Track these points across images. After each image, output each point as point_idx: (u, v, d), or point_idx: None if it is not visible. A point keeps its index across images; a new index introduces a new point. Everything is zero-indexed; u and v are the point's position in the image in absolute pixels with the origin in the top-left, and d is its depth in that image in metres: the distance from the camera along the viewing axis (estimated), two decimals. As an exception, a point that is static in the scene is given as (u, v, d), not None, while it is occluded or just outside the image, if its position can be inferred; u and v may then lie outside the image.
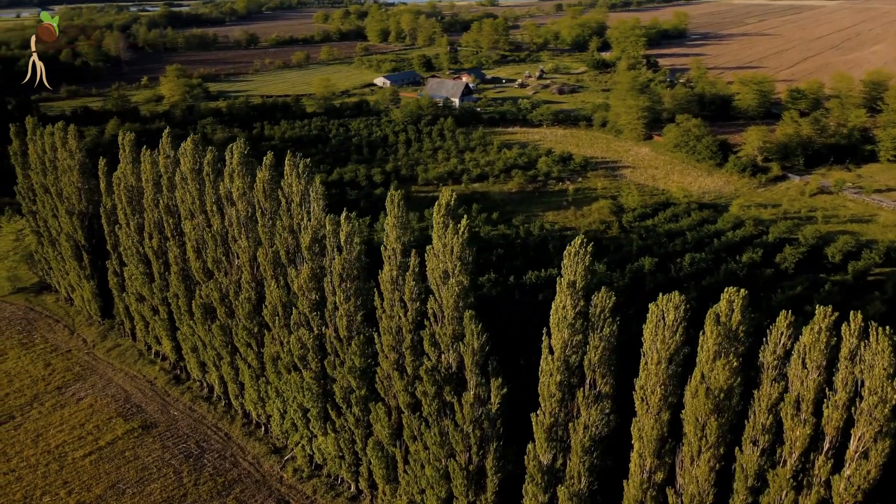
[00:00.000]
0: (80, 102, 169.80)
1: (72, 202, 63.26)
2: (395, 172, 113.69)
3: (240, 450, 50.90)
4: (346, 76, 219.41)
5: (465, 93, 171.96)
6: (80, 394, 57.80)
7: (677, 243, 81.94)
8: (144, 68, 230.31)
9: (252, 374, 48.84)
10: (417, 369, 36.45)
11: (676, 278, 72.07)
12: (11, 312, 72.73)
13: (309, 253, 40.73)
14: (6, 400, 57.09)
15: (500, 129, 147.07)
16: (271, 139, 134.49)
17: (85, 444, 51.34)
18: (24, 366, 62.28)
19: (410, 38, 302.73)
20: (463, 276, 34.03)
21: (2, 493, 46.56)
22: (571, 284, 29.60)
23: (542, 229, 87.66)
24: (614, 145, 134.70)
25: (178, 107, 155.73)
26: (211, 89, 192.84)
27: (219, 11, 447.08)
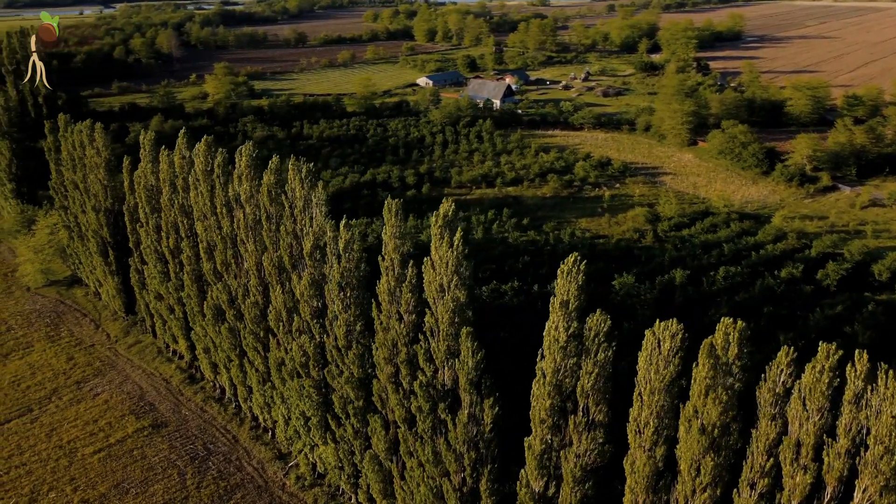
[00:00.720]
0: (130, 99, 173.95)
1: (98, 199, 64.10)
2: (429, 174, 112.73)
3: (246, 454, 50.54)
4: (389, 76, 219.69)
5: (507, 94, 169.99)
6: (98, 389, 58.42)
7: (713, 255, 78.76)
8: (195, 65, 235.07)
9: (259, 379, 48.41)
10: (413, 383, 35.23)
11: (708, 293, 69.19)
12: (42, 305, 74.31)
13: (310, 259, 39.94)
14: (27, 393, 58.09)
15: (539, 132, 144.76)
16: (309, 138, 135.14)
17: (96, 440, 51.73)
18: (47, 359, 63.38)
19: (457, 38, 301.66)
20: (459, 291, 32.64)
21: (12, 487, 47.17)
22: (564, 305, 27.96)
23: (572, 236, 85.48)
24: (656, 151, 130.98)
25: (222, 104, 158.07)
26: (256, 87, 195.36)
27: (271, 10, 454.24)
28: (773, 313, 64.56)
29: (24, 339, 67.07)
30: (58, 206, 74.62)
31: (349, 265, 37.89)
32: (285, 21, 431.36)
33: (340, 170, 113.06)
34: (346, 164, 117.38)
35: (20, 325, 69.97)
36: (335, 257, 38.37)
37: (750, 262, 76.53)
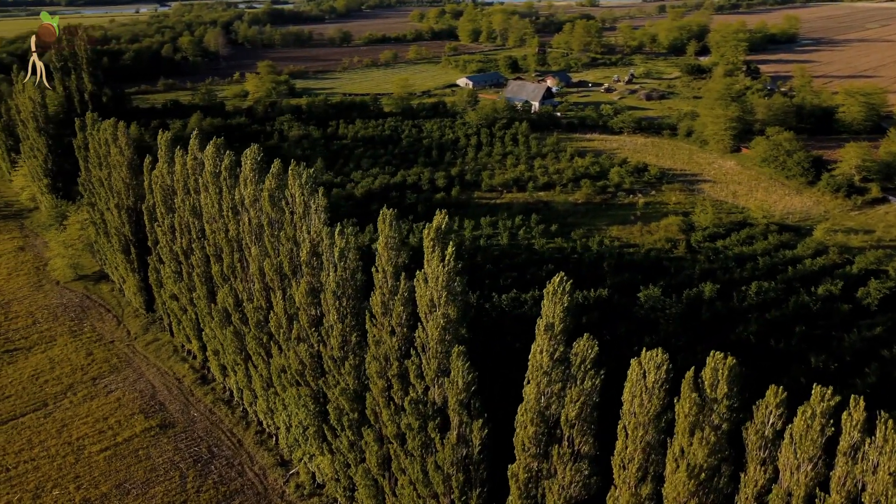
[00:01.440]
0: (173, 96, 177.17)
1: (121, 197, 64.70)
2: (460, 177, 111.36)
3: (249, 458, 50.11)
4: (430, 76, 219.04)
5: (546, 96, 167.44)
6: (112, 386, 58.88)
7: (746, 269, 75.46)
8: (241, 64, 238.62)
9: (263, 384, 47.91)
10: (404, 399, 34.02)
11: (738, 308, 66.22)
12: (69, 299, 75.60)
13: (307, 267, 39.09)
14: (44, 387, 58.91)
15: (577, 136, 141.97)
16: (343, 138, 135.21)
17: (104, 438, 52.00)
18: (67, 353, 64.27)
19: (501, 39, 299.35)
20: (450, 308, 31.27)
21: (18, 482, 47.67)
22: (549, 327, 26.36)
23: (600, 245, 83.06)
24: (697, 157, 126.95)
25: (261, 103, 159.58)
26: (297, 86, 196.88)
27: (319, 9, 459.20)
28: (806, 333, 61.39)
29: (47, 333, 68.23)
30: (85, 202, 75.86)
31: (344, 274, 36.88)
32: (333, 20, 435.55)
33: (371, 170, 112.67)
34: (378, 165, 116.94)
35: (46, 318, 71.25)
36: (332, 265, 37.40)
37: (785, 277, 73.10)
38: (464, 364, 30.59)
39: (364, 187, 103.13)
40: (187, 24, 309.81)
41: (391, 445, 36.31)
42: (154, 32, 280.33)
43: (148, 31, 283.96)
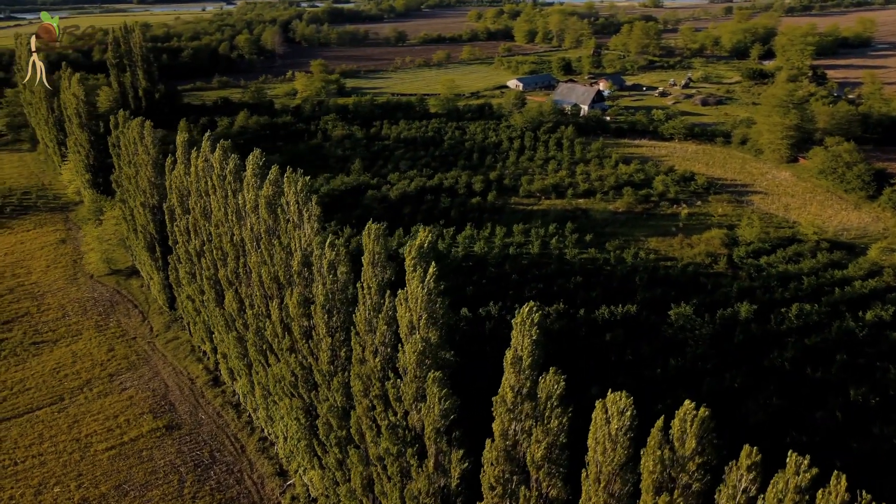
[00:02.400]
0: (225, 93, 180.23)
1: (146, 195, 65.22)
2: (498, 181, 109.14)
3: (249, 466, 49.47)
4: (481, 77, 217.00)
5: (596, 100, 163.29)
6: (127, 384, 59.29)
7: (790, 289, 71.07)
8: (296, 62, 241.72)
9: (262, 392, 47.16)
10: (382, 423, 32.47)
11: (775, 332, 62.23)
12: (100, 293, 76.94)
13: (299, 277, 37.94)
14: (63, 381, 59.78)
15: (625, 141, 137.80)
16: (386, 139, 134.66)
17: (111, 437, 52.23)
18: (90, 348, 65.19)
19: (557, 40, 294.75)
20: (430, 331, 29.52)
21: (23, 477, 48.21)
22: (517, 360, 24.32)
23: (635, 257, 79.79)
24: (750, 167, 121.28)
25: (309, 101, 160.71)
26: (348, 85, 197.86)
27: (378, 8, 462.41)
28: (848, 362, 57.18)
29: (75, 327, 69.45)
30: (118, 199, 77.04)
31: (334, 287, 35.53)
32: (391, 19, 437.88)
33: (409, 173, 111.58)
34: (417, 167, 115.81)
35: (75, 311, 72.61)
36: (321, 277, 36.14)
37: (831, 299, 68.49)
38: (440, 390, 28.77)
39: (399, 190, 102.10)
40: (247, 23, 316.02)
41: (374, 467, 34.84)
42: (214, 30, 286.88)
43: (209, 29, 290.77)
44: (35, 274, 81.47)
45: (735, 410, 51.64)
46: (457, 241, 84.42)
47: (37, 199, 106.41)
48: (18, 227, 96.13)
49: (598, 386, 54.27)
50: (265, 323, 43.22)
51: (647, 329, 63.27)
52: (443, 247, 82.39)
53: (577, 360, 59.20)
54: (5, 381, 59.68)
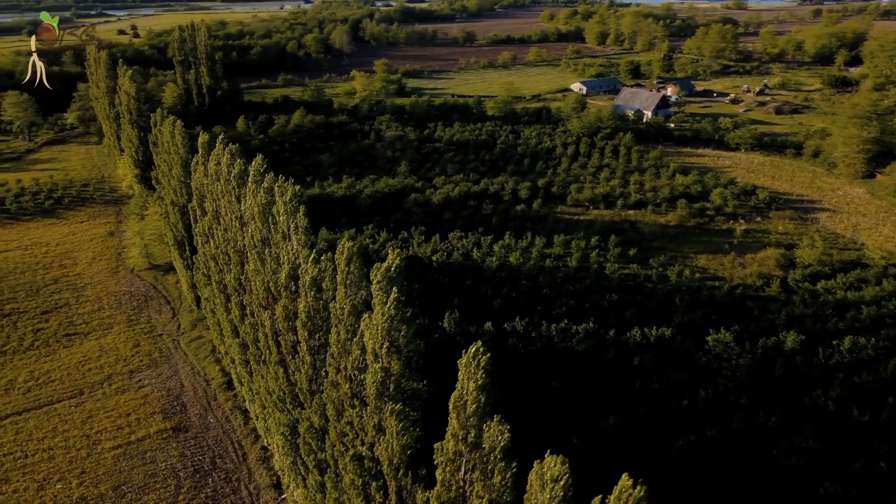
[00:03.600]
0: (287, 91, 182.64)
1: (175, 194, 65.65)
2: (546, 188, 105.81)
3: (248, 475, 48.66)
4: (545, 79, 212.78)
5: (661, 106, 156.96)
6: (145, 382, 59.71)
7: (846, 319, 65.36)
8: (361, 61, 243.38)
9: (261, 402, 46.21)
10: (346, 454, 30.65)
11: (822, 366, 57.18)
12: (136, 288, 78.34)
13: (286, 291, 36.55)
14: (86, 375, 60.75)
15: (686, 150, 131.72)
16: (438, 141, 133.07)
17: (119, 435, 52.49)
18: (118, 343, 66.19)
19: (629, 42, 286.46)
20: (392, 360, 27.49)
21: (29, 471, 48.90)
22: (461, 405, 21.94)
23: (679, 275, 75.24)
24: (820, 181, 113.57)
25: (367, 101, 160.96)
26: (409, 85, 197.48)
27: (450, 8, 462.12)
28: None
29: (107, 321, 70.78)
30: (156, 196, 78.19)
31: (316, 305, 33.94)
32: (463, 19, 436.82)
33: (455, 177, 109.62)
34: (465, 171, 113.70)
35: (110, 305, 74.07)
36: (304, 293, 34.64)
37: (892, 333, 62.48)
38: (399, 423, 26.67)
39: (442, 194, 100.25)
40: (319, 21, 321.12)
41: (346, 495, 33.07)
42: (286, 29, 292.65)
43: (281, 28, 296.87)
44: (80, 265, 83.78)
45: (765, 451, 47.45)
46: (493, 251, 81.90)
47: (94, 192, 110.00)
48: (73, 219, 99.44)
49: (616, 416, 51.09)
50: (259, 333, 42.17)
51: (680, 355, 59.28)
52: (478, 256, 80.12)
53: (599, 385, 55.96)
54: (33, 372, 61.11)
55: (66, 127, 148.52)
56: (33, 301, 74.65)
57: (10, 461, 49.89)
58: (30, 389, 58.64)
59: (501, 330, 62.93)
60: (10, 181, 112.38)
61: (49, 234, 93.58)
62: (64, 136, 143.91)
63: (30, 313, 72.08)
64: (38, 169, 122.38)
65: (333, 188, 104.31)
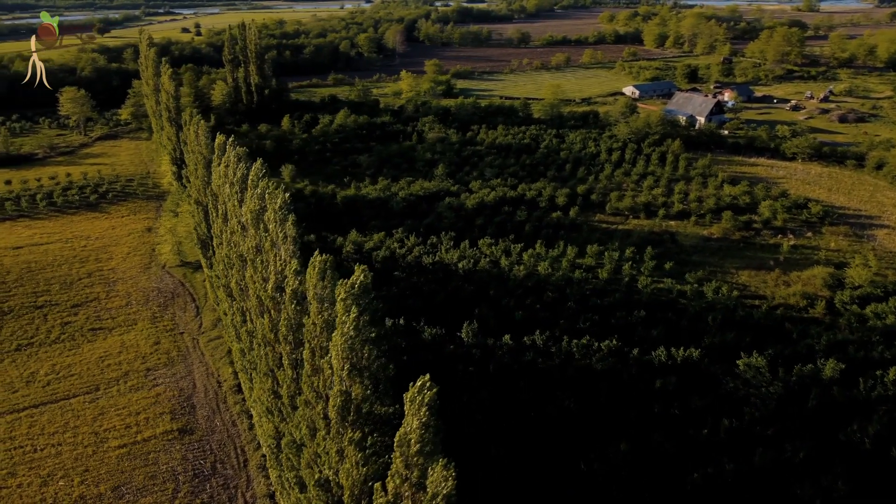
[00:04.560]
0: (339, 90, 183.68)
1: (199, 193, 65.89)
2: (585, 196, 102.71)
3: (246, 483, 47.97)
4: (598, 82, 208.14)
5: (715, 111, 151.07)
6: (159, 380, 59.93)
7: (895, 348, 60.64)
8: (414, 61, 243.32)
9: (257, 410, 45.45)
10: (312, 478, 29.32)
11: (862, 399, 53.04)
12: (165, 284, 79.17)
13: (272, 302, 35.51)
14: (105, 371, 61.40)
15: (738, 159, 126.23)
16: (480, 144, 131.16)
17: (126, 434, 52.64)
18: (139, 340, 66.80)
19: (689, 45, 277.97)
20: (354, 383, 25.99)
21: (36, 466, 49.43)
22: (405, 442, 20.23)
23: (716, 292, 71.44)
24: (881, 195, 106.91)
25: (412, 102, 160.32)
26: (458, 86, 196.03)
27: (508, 9, 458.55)
28: (947, 448, 47.30)
29: (133, 316, 71.65)
30: (186, 194, 78.88)
31: (297, 318, 32.77)
32: (521, 20, 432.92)
33: (492, 181, 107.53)
34: (503, 176, 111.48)
35: (138, 301, 75.01)
36: (285, 307, 33.49)
37: (945, 365, 57.56)
38: (358, 453, 25.15)
39: (476, 199, 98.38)
40: (375, 21, 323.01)
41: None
42: (341, 28, 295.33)
43: (336, 27, 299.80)
44: (115, 260, 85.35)
45: (788, 490, 44.03)
46: (522, 259, 79.67)
47: (138, 187, 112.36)
48: (115, 213, 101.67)
49: (628, 441, 48.32)
50: (254, 341, 41.37)
51: (706, 379, 55.99)
52: (505, 264, 78.02)
53: (615, 407, 53.21)
54: (55, 366, 62.14)
55: (120, 122, 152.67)
56: (66, 294, 76.26)
57: (19, 455, 50.58)
58: (49, 383, 59.57)
59: (521, 343, 60.78)
60: (61, 174, 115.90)
61: (90, 227, 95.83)
62: (117, 132, 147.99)
63: (61, 306, 73.60)
64: (88, 163, 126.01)
65: (368, 189, 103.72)
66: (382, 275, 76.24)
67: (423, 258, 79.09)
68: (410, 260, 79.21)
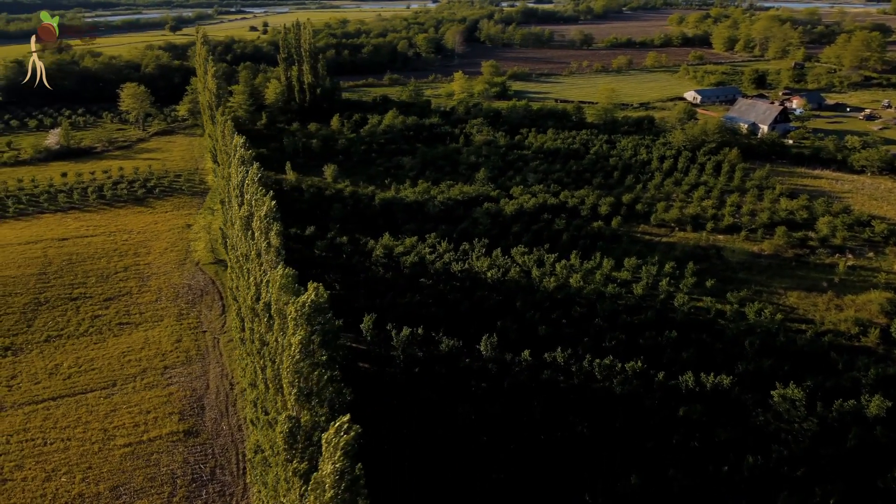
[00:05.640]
0: (392, 90, 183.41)
1: (223, 192, 65.81)
2: (630, 205, 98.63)
3: (242, 490, 47.15)
4: (658, 86, 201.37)
5: (780, 120, 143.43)
6: (174, 379, 60.03)
7: (953, 385, 55.26)
8: (472, 62, 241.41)
9: (248, 418, 44.56)
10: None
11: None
12: (197, 281, 79.77)
13: (251, 313, 34.32)
14: (125, 367, 62.00)
15: (801, 170, 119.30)
16: (527, 148, 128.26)
17: (134, 433, 52.76)
18: (162, 337, 67.28)
19: (760, 49, 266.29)
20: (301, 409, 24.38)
21: (43, 460, 50.03)
22: (319, 486, 18.43)
23: (759, 314, 66.86)
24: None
25: (463, 104, 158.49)
26: (513, 88, 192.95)
27: (574, 10, 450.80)
28: None
29: (160, 313, 72.35)
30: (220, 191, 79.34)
31: (266, 335, 31.43)
32: (587, 21, 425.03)
33: (534, 187, 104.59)
34: (547, 182, 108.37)
35: (167, 297, 75.79)
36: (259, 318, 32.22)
37: None
38: (300, 485, 23.51)
39: (515, 205, 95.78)
40: (437, 21, 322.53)
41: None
42: (402, 28, 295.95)
43: (398, 27, 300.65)
44: (152, 255, 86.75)
45: (813, 541, 40.22)
46: (554, 270, 76.81)
47: (184, 183, 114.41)
48: (159, 208, 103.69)
49: (640, 475, 45.15)
50: (244, 349, 40.38)
51: (735, 410, 52.16)
52: (536, 275, 75.35)
53: (631, 435, 50.00)
54: (79, 359, 63.16)
55: (177, 119, 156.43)
56: (100, 287, 77.77)
57: (29, 448, 51.32)
58: (70, 376, 60.50)
59: (541, 360, 58.13)
60: (113, 168, 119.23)
61: (134, 221, 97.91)
62: (174, 128, 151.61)
63: (94, 299, 75.06)
64: (142, 158, 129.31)
65: (406, 192, 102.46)
66: (410, 280, 74.85)
67: (452, 265, 77.19)
68: (439, 267, 77.41)
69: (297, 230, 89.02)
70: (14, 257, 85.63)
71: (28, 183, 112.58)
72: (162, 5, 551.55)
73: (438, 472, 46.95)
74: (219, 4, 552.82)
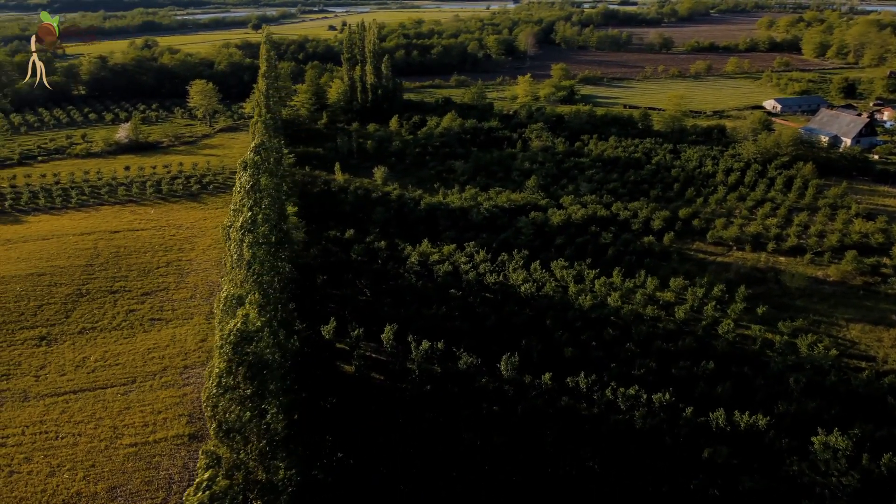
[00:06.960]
0: (456, 92, 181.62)
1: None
2: (687, 220, 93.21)
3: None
4: (737, 93, 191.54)
5: (865, 133, 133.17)
6: (191, 380, 60.04)
7: None
8: (543, 64, 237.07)
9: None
10: None
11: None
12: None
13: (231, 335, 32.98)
14: (147, 364, 62.53)
15: (884, 189, 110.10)
16: (586, 155, 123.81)
17: (141, 434, 52.78)
18: (188, 335, 67.65)
19: (854, 55, 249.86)
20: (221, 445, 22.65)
21: (51, 453, 50.60)
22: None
23: (811, 348, 61.22)
24: None
25: (525, 108, 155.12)
26: (582, 92, 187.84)
27: (658, 12, 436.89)
28: None
29: (192, 310, 72.91)
30: (256, 192, 79.43)
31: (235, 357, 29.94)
32: (671, 24, 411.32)
33: (585, 197, 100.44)
34: (600, 192, 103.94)
35: (201, 294, 76.39)
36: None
37: None
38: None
39: (562, 216, 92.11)
40: (513, 22, 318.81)
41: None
42: (476, 29, 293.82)
43: (472, 28, 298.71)
44: (196, 251, 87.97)
45: None
46: (593, 287, 73.02)
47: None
48: (211, 204, 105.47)
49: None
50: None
51: (768, 456, 47.46)
52: (573, 291, 71.83)
53: (646, 476, 46.08)
54: (105, 354, 64.18)
55: (243, 116, 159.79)
56: (140, 282, 79.23)
57: (41, 440, 52.12)
58: (95, 370, 61.45)
59: (562, 384, 54.90)
60: (174, 163, 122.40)
61: (184, 217, 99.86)
62: (238, 125, 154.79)
63: (132, 293, 76.47)
64: (204, 154, 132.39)
65: (452, 198, 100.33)
66: (441, 290, 72.73)
67: (486, 276, 74.61)
68: (472, 277, 74.95)
69: (336, 233, 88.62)
70: (67, 248, 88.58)
71: (93, 175, 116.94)
72: (249, 4, 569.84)
73: (433, 500, 44.64)
74: (302, 3, 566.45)
